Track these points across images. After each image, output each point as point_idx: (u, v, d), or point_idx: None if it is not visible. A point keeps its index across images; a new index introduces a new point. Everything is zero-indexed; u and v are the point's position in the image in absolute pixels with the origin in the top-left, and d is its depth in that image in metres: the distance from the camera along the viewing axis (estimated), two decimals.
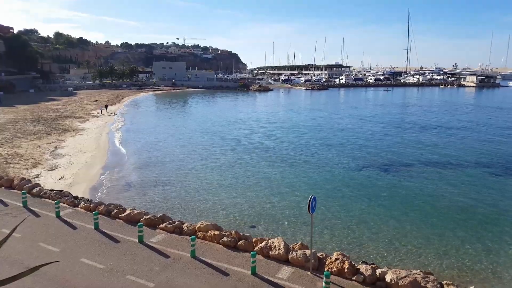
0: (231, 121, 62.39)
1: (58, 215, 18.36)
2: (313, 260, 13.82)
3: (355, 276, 13.08)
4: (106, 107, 69.68)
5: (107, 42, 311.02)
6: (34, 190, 21.61)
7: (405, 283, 12.30)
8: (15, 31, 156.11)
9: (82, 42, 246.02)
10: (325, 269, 13.45)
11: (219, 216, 21.77)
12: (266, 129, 54.04)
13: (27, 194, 20.57)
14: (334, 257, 14.00)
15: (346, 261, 13.51)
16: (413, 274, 12.70)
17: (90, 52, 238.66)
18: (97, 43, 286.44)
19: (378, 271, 13.22)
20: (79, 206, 19.82)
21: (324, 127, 55.63)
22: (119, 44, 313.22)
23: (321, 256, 14.47)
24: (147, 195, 25.35)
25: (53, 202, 19.79)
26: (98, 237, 16.34)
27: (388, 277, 12.73)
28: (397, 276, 12.60)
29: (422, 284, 12.21)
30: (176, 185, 27.63)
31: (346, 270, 13.25)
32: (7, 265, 13.51)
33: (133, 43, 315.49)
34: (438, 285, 12.25)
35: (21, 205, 19.62)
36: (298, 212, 22.22)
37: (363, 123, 59.53)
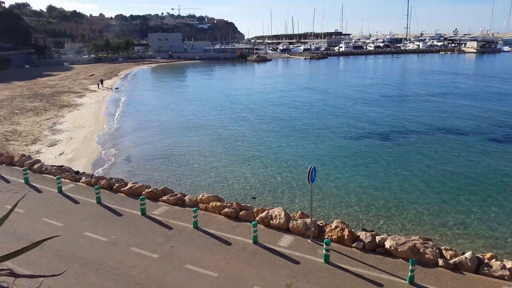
0: (230, 93, 62.01)
1: (60, 190, 18.50)
2: (313, 228, 14.02)
3: (355, 243, 13.30)
4: (101, 81, 68.89)
5: (101, 14, 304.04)
6: (35, 166, 21.68)
7: (404, 249, 12.52)
8: (6, 5, 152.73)
9: (75, 15, 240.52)
10: (325, 237, 13.66)
11: (220, 188, 21.95)
12: (265, 101, 53.75)
13: (28, 171, 20.67)
14: (334, 225, 14.20)
15: (346, 229, 13.70)
16: (412, 240, 12.90)
17: (84, 25, 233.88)
18: (91, 15, 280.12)
19: (378, 238, 13.43)
20: (81, 181, 19.94)
21: (324, 99, 55.30)
22: (113, 16, 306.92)
23: (321, 224, 14.67)
24: (148, 169, 25.47)
25: (54, 177, 19.90)
26: (100, 211, 16.52)
27: (387, 244, 12.94)
28: (396, 242, 12.81)
29: (421, 250, 12.43)
30: (176, 158, 27.72)
31: (346, 238, 13.46)
32: (13, 240, 13.72)
33: (127, 15, 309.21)
34: (437, 251, 12.47)
35: (23, 181, 19.74)
36: (298, 182, 22.39)
37: (362, 93, 59.16)
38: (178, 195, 17.71)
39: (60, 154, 27.82)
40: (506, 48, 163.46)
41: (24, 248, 4.63)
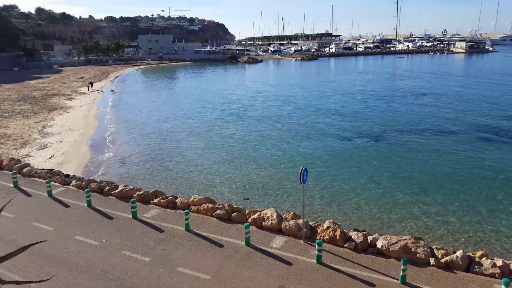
0: (221, 95, 61.87)
1: (50, 194, 18.30)
2: (305, 229, 14.03)
3: (347, 243, 13.33)
4: (91, 84, 68.32)
5: (90, 16, 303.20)
6: (25, 170, 21.42)
7: (396, 249, 12.58)
8: None
9: (65, 17, 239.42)
10: (317, 237, 13.69)
11: (212, 190, 21.86)
12: (257, 102, 53.70)
13: (18, 174, 20.42)
14: (326, 225, 14.23)
15: (338, 229, 13.74)
16: (404, 239, 12.96)
17: (73, 28, 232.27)
18: (80, 17, 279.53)
19: (370, 238, 13.48)
20: (71, 184, 19.74)
21: (316, 100, 55.42)
22: (103, 18, 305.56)
23: (313, 225, 14.69)
24: (138, 171, 25.30)
25: (44, 181, 19.68)
26: (91, 214, 16.37)
27: (379, 243, 12.99)
28: (388, 242, 12.86)
29: (413, 249, 12.50)
30: (167, 160, 27.57)
31: (338, 238, 13.49)
32: (1, 245, 13.52)
33: (117, 17, 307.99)
34: (428, 250, 12.54)
35: (12, 185, 19.49)
36: (290, 183, 22.39)
37: (353, 94, 59.42)
38: (170, 197, 17.62)
39: (50, 158, 27.52)
40: (490, 48, 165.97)
41: (10, 253, 4.53)
